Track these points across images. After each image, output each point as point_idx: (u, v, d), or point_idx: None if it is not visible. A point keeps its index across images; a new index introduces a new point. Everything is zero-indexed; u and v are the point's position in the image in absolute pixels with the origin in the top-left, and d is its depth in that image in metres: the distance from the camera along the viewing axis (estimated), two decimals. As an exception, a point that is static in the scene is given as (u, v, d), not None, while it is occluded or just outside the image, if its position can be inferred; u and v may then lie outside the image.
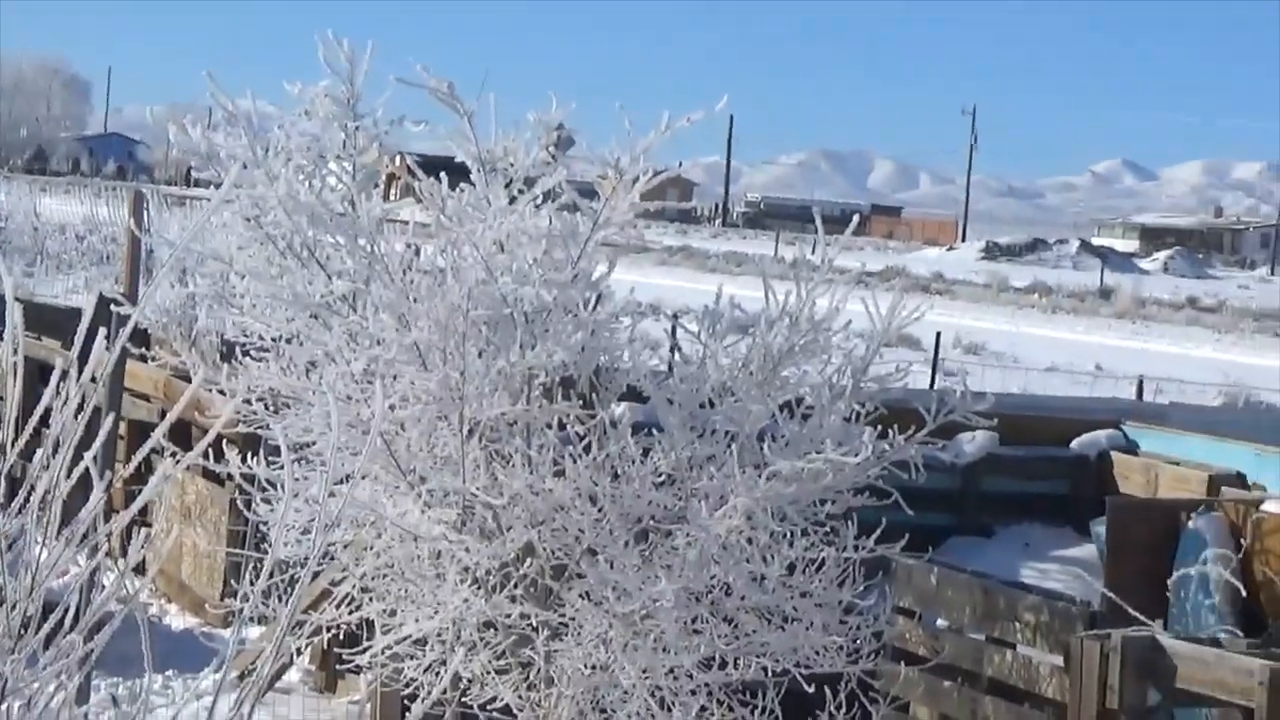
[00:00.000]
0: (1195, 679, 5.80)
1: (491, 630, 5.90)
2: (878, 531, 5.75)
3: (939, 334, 16.98)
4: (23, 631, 3.20)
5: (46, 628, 3.21)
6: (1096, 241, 65.00)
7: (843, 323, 5.90)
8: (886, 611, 6.30)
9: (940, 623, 6.66)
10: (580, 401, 5.94)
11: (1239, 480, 8.35)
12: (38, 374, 3.50)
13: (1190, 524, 7.48)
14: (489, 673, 5.87)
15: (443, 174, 5.83)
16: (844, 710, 5.73)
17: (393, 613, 6.01)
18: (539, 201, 5.82)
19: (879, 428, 5.71)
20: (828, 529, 5.76)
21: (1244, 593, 7.04)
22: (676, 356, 6.92)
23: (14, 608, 3.17)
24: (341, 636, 6.33)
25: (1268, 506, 7.54)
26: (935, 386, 11.18)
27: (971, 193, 73.47)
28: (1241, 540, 7.32)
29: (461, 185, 5.81)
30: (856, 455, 5.44)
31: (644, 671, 5.62)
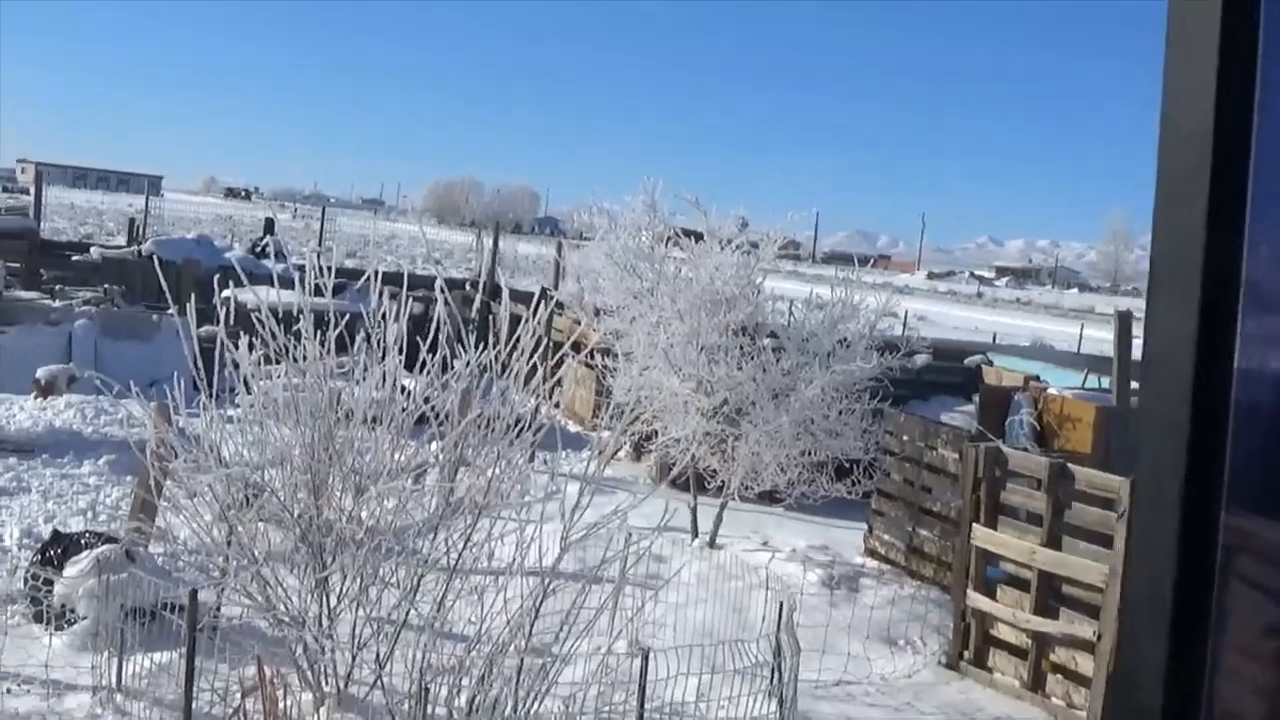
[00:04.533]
0: (1015, 464, 9.88)
1: (708, 435, 11.79)
2: (878, 397, 11.91)
3: (906, 311, 30.68)
4: (507, 429, 6.27)
5: (517, 428, 6.27)
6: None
7: (865, 305, 12.19)
8: (880, 433, 12.20)
9: (905, 437, 12.13)
10: (749, 337, 12.17)
11: (1036, 378, 14.77)
12: (514, 320, 6.35)
13: (1015, 396, 13.67)
14: (708, 454, 11.93)
15: (692, 236, 12.53)
16: (865, 474, 12.03)
17: (666, 427, 12.05)
18: (734, 248, 12.25)
19: (880, 352, 11.82)
20: (857, 395, 11.78)
21: (1038, 428, 13.18)
22: (792, 317, 13.60)
23: (501, 419, 6.24)
24: (644, 436, 12.68)
25: (1050, 391, 13.76)
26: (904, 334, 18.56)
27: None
28: (1037, 404, 13.43)
29: (701, 239, 12.53)
30: (869, 364, 12.01)
31: (774, 455, 11.68)
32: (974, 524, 9.78)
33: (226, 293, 6.79)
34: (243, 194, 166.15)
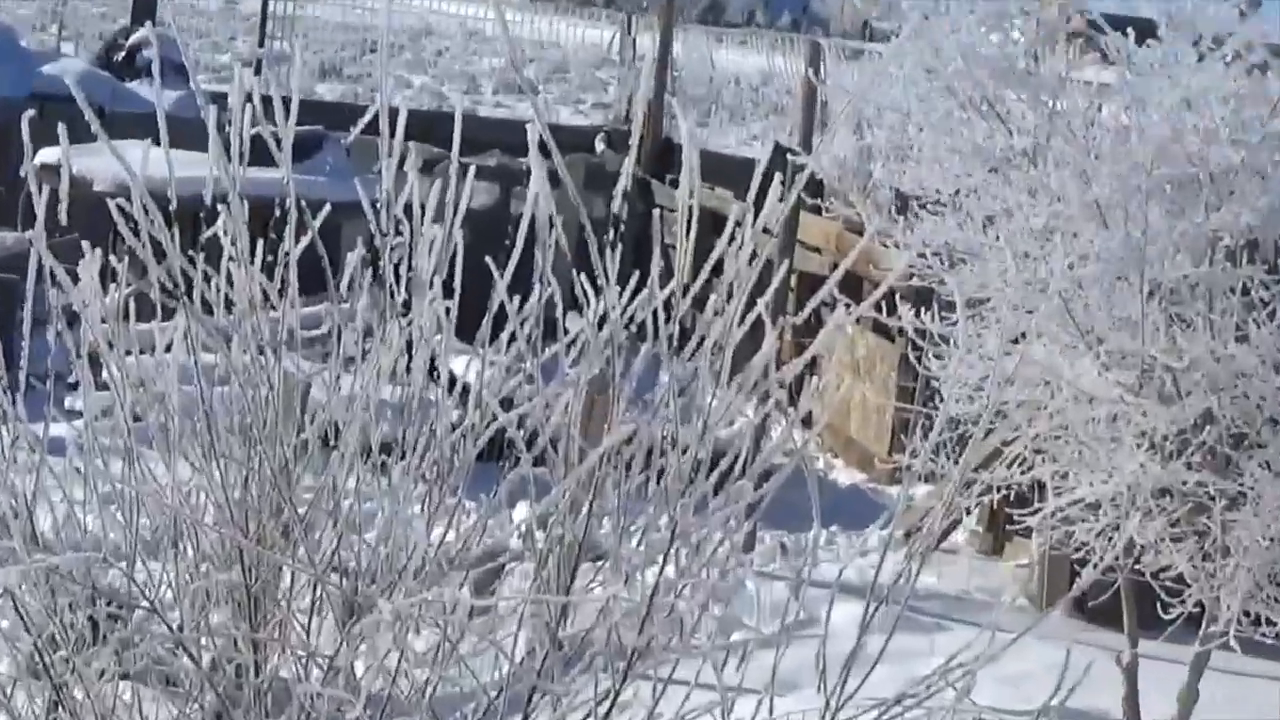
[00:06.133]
0: None
1: (1167, 497, 9.39)
2: None
3: None
4: (693, 476, 5.22)
5: (716, 474, 5.22)
6: None
7: None
8: None
9: None
10: (1265, 266, 9.28)
11: None
12: (710, 223, 5.71)
13: None
14: (1163, 540, 9.41)
15: (1128, 30, 9.40)
16: None
17: (1065, 475, 9.59)
18: (1228, 60, 9.32)
19: None
20: None
21: None
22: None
23: (685, 452, 5.22)
24: (1011, 498, 10.41)
25: None
26: None
27: None
28: None
29: (1147, 42, 9.28)
30: None
31: (1328, 545, 8.02)
32: None
33: (49, 154, 6.68)
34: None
